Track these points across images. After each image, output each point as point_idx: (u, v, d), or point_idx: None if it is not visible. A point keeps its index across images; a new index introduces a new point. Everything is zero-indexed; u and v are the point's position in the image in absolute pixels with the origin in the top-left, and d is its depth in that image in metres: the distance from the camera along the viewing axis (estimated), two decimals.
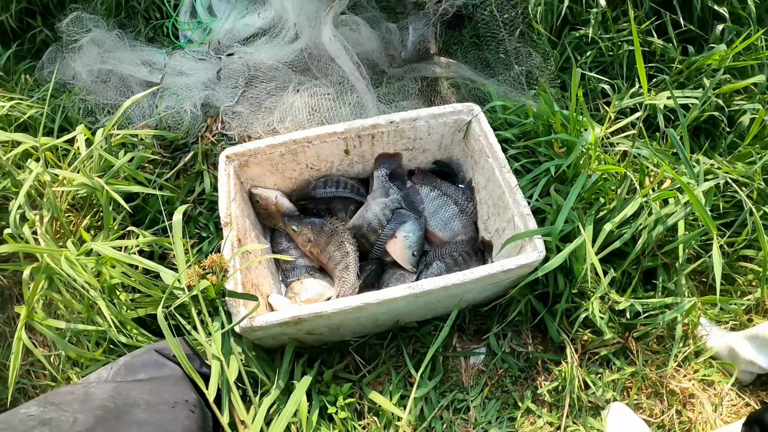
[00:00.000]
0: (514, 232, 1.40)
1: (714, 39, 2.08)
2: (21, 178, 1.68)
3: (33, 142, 1.65)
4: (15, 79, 2.27)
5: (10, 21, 2.49)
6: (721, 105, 1.87)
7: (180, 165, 1.85)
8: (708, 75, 1.93)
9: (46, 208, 1.60)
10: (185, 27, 2.29)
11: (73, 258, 1.37)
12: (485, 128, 1.56)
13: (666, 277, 1.55)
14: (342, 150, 1.60)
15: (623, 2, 2.15)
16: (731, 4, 2.13)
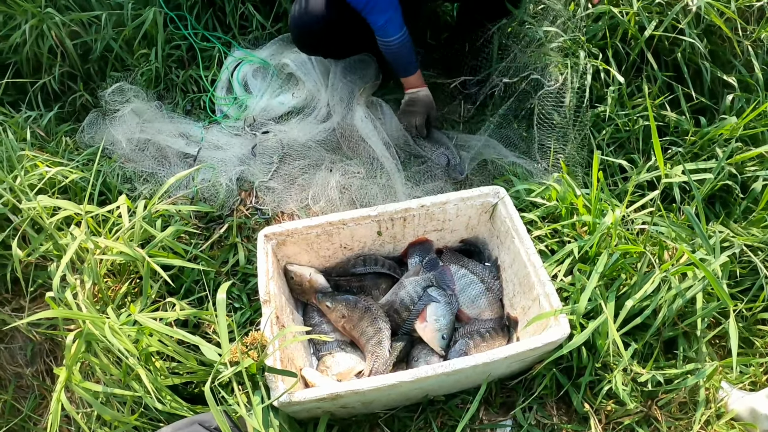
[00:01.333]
0: (539, 311, 1.47)
1: (724, 108, 2.18)
2: (63, 243, 1.76)
3: (78, 210, 1.74)
4: (56, 141, 2.36)
5: (53, 84, 2.61)
6: (735, 173, 1.94)
7: (215, 237, 1.93)
8: (720, 145, 2.02)
9: (87, 274, 1.67)
10: (222, 102, 2.41)
11: (117, 327, 1.44)
12: (511, 211, 1.65)
13: (687, 346, 1.60)
14: (375, 231, 1.68)
15: (638, 78, 2.25)
16: (740, 72, 2.24)
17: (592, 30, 2.23)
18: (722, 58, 2.30)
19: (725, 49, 2.30)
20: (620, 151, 2.17)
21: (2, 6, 2.63)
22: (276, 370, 1.31)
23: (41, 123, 2.46)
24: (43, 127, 2.46)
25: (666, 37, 2.21)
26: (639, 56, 2.25)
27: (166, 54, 2.57)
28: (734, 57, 2.28)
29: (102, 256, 1.70)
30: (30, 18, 2.55)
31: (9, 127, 2.22)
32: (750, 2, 2.28)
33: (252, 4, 2.64)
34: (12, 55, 2.65)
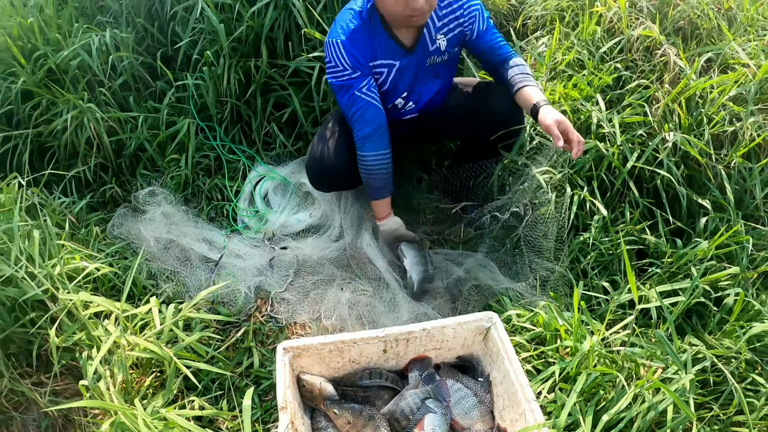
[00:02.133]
0: (525, 424, 1.66)
1: (699, 230, 2.35)
2: (95, 335, 1.94)
3: (114, 309, 1.93)
4: (87, 231, 2.54)
5: (88, 173, 2.84)
6: (708, 290, 2.12)
7: (231, 340, 2.12)
8: (695, 264, 2.18)
9: (117, 367, 1.86)
10: (244, 214, 2.64)
11: (150, 421, 1.61)
12: (502, 334, 1.86)
13: None
14: (381, 349, 1.89)
15: (621, 203, 2.47)
16: (713, 194, 2.43)
17: (580, 162, 2.46)
18: (698, 181, 2.51)
19: (701, 173, 2.50)
20: (604, 272, 2.35)
21: (47, 92, 2.87)
22: None
23: (73, 209, 2.65)
24: (74, 213, 2.63)
25: (646, 168, 2.42)
26: (622, 184, 2.45)
27: (195, 162, 2.82)
28: (709, 180, 2.48)
29: (131, 352, 1.88)
30: (72, 109, 2.78)
31: (47, 213, 2.39)
32: (723, 128, 2.49)
33: (276, 124, 2.92)
34: (51, 139, 2.88)
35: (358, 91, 2.20)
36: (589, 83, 2.68)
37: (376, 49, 2.21)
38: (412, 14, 2.01)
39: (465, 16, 2.25)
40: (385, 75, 2.27)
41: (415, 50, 2.25)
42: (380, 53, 2.22)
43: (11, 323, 2.01)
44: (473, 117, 2.41)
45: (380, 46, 2.21)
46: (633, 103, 2.59)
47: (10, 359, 2.07)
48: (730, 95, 2.53)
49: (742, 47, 2.71)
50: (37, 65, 2.92)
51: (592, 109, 2.54)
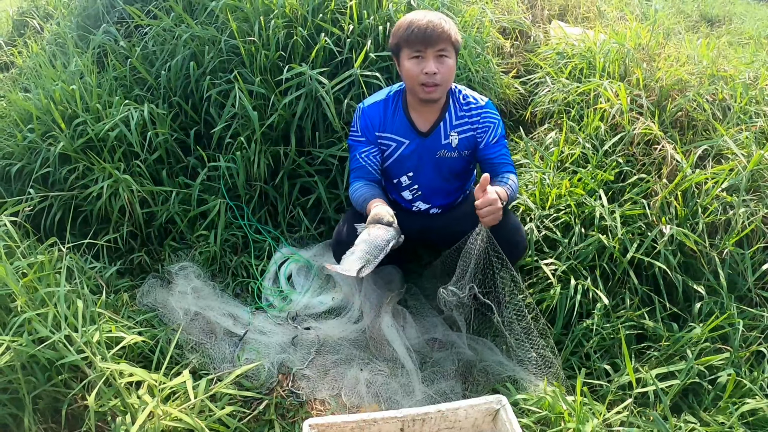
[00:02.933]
0: None
1: (695, 314, 2.51)
2: (130, 402, 2.07)
3: (151, 381, 2.08)
4: (117, 298, 2.66)
5: (119, 241, 2.98)
6: (703, 371, 2.24)
7: (254, 412, 2.26)
8: (690, 347, 2.33)
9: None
10: (268, 293, 2.80)
11: None
12: (511, 417, 1.99)
13: None
14: (399, 428, 2.02)
15: (622, 290, 2.62)
16: (708, 279, 2.59)
17: (584, 253, 2.64)
18: (693, 267, 2.66)
19: (696, 260, 2.65)
20: (606, 355, 2.47)
21: (84, 158, 3.03)
22: None
23: (104, 275, 2.77)
24: (105, 278, 2.75)
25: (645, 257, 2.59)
26: (623, 273, 2.62)
27: (223, 239, 2.99)
28: (703, 266, 2.63)
29: (164, 421, 2.02)
30: (107, 177, 2.94)
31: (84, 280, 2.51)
32: (717, 217, 2.67)
33: (301, 208, 3.11)
34: (85, 203, 3.02)
35: (359, 154, 2.50)
36: (593, 178, 2.89)
37: (388, 123, 2.49)
38: (427, 80, 2.27)
39: (480, 123, 2.46)
40: (392, 149, 2.52)
41: (428, 136, 2.48)
42: (392, 128, 2.49)
43: (44, 382, 2.13)
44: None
45: (395, 123, 2.48)
46: (633, 198, 2.80)
47: (37, 414, 2.16)
48: (723, 186, 2.74)
49: (735, 138, 2.95)
50: (76, 132, 3.08)
51: (595, 204, 2.75)
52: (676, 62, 3.58)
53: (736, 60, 3.84)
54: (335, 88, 2.95)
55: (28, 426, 2.09)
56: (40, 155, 3.08)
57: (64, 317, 2.14)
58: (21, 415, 2.09)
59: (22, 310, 2.12)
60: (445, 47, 2.26)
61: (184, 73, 3.28)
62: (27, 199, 2.90)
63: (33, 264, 2.37)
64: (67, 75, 3.35)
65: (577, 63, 3.82)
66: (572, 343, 2.53)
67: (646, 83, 3.36)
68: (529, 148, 3.36)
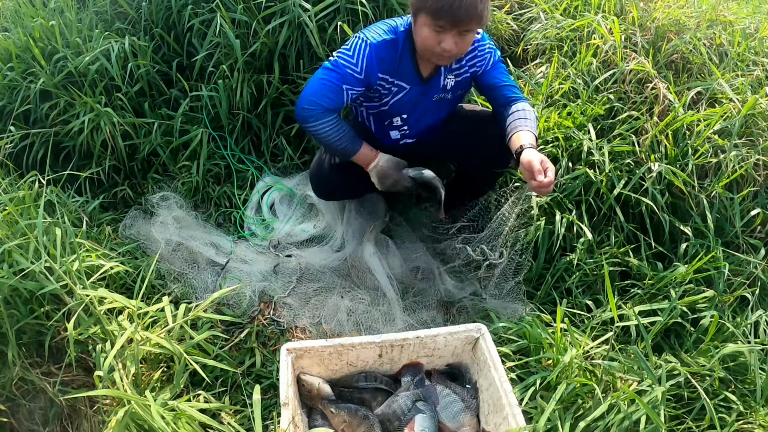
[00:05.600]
0: (508, 428, 1.79)
1: (680, 255, 2.49)
2: (110, 329, 2.07)
3: (130, 306, 2.07)
4: (99, 230, 2.65)
5: (102, 175, 2.95)
6: (686, 311, 2.23)
7: (235, 340, 2.26)
8: (674, 286, 2.31)
9: (130, 360, 1.98)
10: (251, 221, 2.78)
11: (162, 411, 1.74)
12: (489, 345, 1.99)
13: None
14: (377, 354, 2.03)
15: (608, 227, 2.59)
16: (695, 221, 2.57)
17: (570, 187, 2.59)
18: (681, 208, 2.64)
19: (684, 201, 2.62)
20: (588, 291, 2.48)
21: (65, 94, 2.97)
22: None
23: (87, 209, 2.75)
24: (88, 212, 2.73)
25: (632, 195, 2.56)
26: (609, 209, 2.58)
27: (206, 169, 2.95)
28: (691, 208, 2.60)
29: (143, 347, 2.02)
30: (89, 111, 2.88)
31: (65, 212, 2.48)
32: (707, 160, 2.63)
33: (284, 137, 3.06)
34: (67, 139, 2.97)
35: (348, 88, 2.21)
36: (583, 112, 2.82)
37: (397, 68, 2.26)
38: (441, 53, 2.09)
39: (477, 57, 2.35)
40: (392, 94, 2.35)
41: (428, 82, 2.34)
42: (399, 73, 2.28)
43: (26, 315, 2.11)
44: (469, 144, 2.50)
45: (401, 67, 2.27)
46: (623, 134, 2.74)
47: (22, 349, 2.16)
48: (715, 129, 2.67)
49: (731, 83, 2.86)
50: (56, 67, 3.02)
51: (583, 137, 2.69)
52: (675, 3, 3.46)
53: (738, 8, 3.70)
54: (320, 15, 2.86)
55: (12, 360, 2.08)
56: (21, 93, 3.02)
57: (44, 247, 2.12)
58: (5, 350, 2.09)
59: (1, 242, 2.09)
60: (471, 27, 2.06)
61: (165, 4, 3.17)
62: (8, 137, 2.85)
63: (14, 198, 2.34)
64: (46, 12, 3.25)
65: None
66: (553, 277, 2.52)
67: (642, 22, 3.25)
68: (518, 83, 3.28)
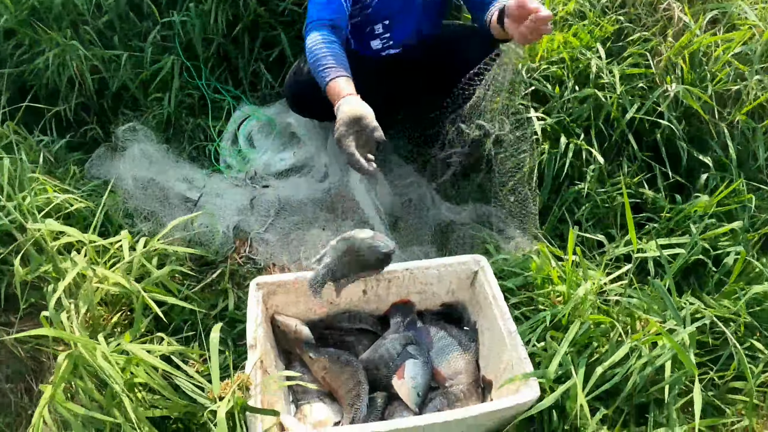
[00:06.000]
0: (512, 374, 1.57)
1: (699, 187, 2.30)
2: (63, 267, 1.84)
3: (82, 238, 1.83)
4: (65, 169, 2.46)
5: (68, 113, 2.74)
6: (707, 248, 2.04)
7: (207, 280, 2.03)
8: (694, 221, 2.13)
9: (83, 300, 1.76)
10: (226, 153, 2.55)
11: (108, 353, 1.51)
12: (490, 278, 1.77)
13: (657, 412, 1.68)
14: (361, 290, 1.79)
15: (619, 157, 2.39)
16: (715, 153, 2.38)
17: (578, 111, 2.37)
18: (699, 138, 2.44)
19: (702, 131, 2.43)
20: (599, 225, 2.27)
21: (30, 31, 2.76)
22: (258, 409, 1.39)
23: (52, 149, 2.55)
24: (53, 152, 2.54)
25: (646, 120, 2.35)
26: (620, 137, 2.37)
27: (179, 101, 2.72)
28: (710, 138, 2.41)
29: (98, 284, 1.78)
30: (54, 47, 2.68)
31: (23, 149, 2.29)
32: (727, 87, 2.43)
33: (263, 64, 2.82)
34: (33, 78, 2.77)
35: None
36: (590, 33, 2.58)
37: None
38: None
39: None
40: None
41: None
42: None
43: None
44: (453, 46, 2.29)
45: None
46: (634, 54, 2.50)
47: None
48: (735, 52, 2.45)
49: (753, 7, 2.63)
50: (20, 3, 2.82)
51: (591, 56, 2.45)
52: None
53: None
54: None
55: None
56: None
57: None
58: None
59: None
60: None
61: None
62: None
63: None
64: None
65: None
66: (560, 209, 2.30)
67: None
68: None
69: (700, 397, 1.55)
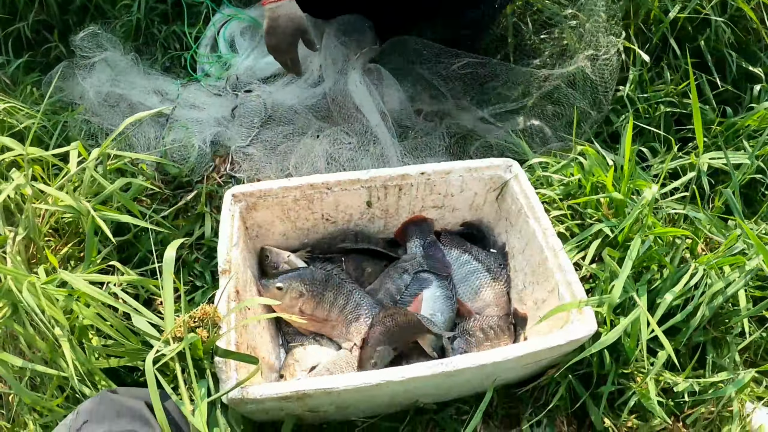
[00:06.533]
0: (557, 303, 1.23)
1: (751, 100, 2.07)
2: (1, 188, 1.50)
3: (20, 150, 1.48)
4: (20, 90, 2.17)
5: (26, 30, 2.41)
6: (762, 167, 1.76)
7: (181, 204, 1.68)
8: (746, 137, 1.88)
9: (23, 225, 1.42)
10: (204, 60, 2.18)
11: (39, 285, 1.18)
12: (525, 186, 1.43)
13: (715, 354, 1.40)
14: (364, 201, 1.44)
15: (658, 65, 2.13)
16: (766, 65, 2.13)
17: (613, 8, 2.07)
18: (747, 49, 2.18)
19: (750, 41, 2.18)
20: (639, 138, 2.03)
21: None
22: (231, 353, 1.05)
23: (8, 70, 2.29)
24: (9, 74, 2.28)
25: (690, 22, 2.10)
26: (661, 40, 2.12)
27: (150, 7, 2.36)
28: (760, 49, 2.17)
29: (42, 205, 1.44)
30: None
31: None
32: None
33: None
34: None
35: None
36: None
37: None
38: None
39: None
40: None
41: None
42: None
43: None
44: None
45: None
46: None
47: None
48: None
49: None
50: None
51: None
52: None
53: None
54: None
55: None
56: None
57: None
58: None
59: None
60: None
61: None
62: None
63: None
64: None
65: None
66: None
67: None
68: None
69: None
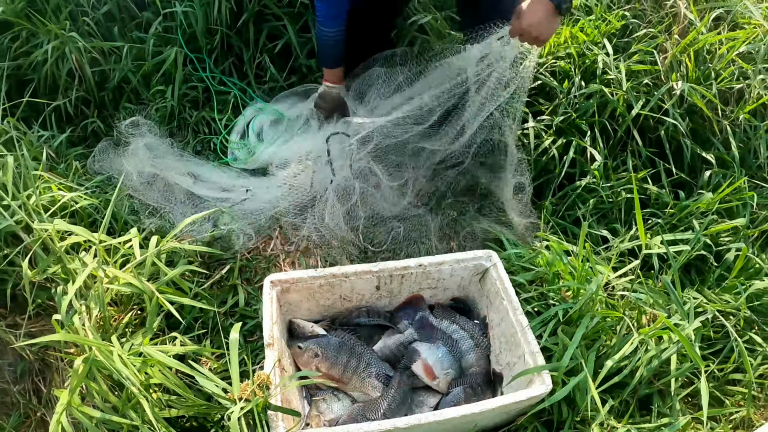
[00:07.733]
0: (524, 367, 1.59)
1: (702, 183, 2.35)
2: (72, 267, 1.82)
3: (91, 238, 1.81)
4: (66, 165, 2.41)
5: (68, 106, 2.69)
6: (709, 244, 2.09)
7: (216, 277, 2.01)
8: (697, 217, 2.17)
9: (94, 301, 1.74)
10: (234, 146, 2.52)
11: (125, 356, 1.50)
12: (501, 274, 1.78)
13: (661, 403, 1.73)
14: (374, 286, 1.80)
15: (623, 152, 2.41)
16: (717, 150, 2.42)
17: (584, 107, 2.39)
18: (702, 135, 2.48)
19: (705, 128, 2.47)
20: (603, 221, 2.31)
21: (27, 23, 2.70)
22: (282, 408, 1.39)
23: (53, 144, 2.50)
24: (54, 148, 2.50)
25: (651, 116, 2.39)
26: (625, 132, 2.41)
27: (182, 93, 2.68)
28: (713, 135, 2.46)
29: (110, 285, 1.77)
30: (53, 39, 2.62)
31: (24, 144, 2.24)
32: (730, 84, 2.46)
33: (268, 56, 2.78)
34: (31, 72, 2.71)
35: None
36: (597, 27, 2.60)
37: None
38: None
39: None
40: None
41: None
42: None
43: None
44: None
45: None
46: (641, 50, 2.53)
47: None
48: (740, 51, 2.50)
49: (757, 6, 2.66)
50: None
51: (599, 52, 2.47)
52: None
53: None
54: None
55: None
56: None
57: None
58: None
59: None
60: None
61: None
62: None
63: None
64: None
65: None
66: (565, 206, 2.33)
67: None
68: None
69: (707, 389, 1.60)
